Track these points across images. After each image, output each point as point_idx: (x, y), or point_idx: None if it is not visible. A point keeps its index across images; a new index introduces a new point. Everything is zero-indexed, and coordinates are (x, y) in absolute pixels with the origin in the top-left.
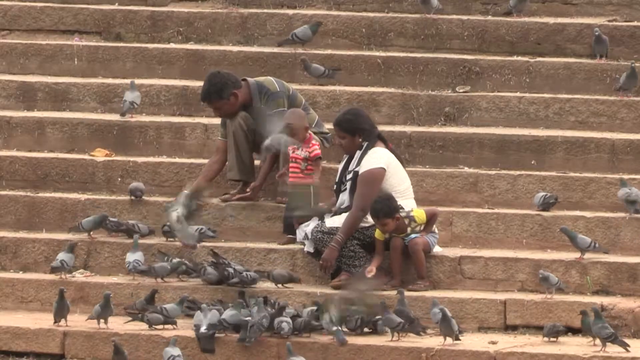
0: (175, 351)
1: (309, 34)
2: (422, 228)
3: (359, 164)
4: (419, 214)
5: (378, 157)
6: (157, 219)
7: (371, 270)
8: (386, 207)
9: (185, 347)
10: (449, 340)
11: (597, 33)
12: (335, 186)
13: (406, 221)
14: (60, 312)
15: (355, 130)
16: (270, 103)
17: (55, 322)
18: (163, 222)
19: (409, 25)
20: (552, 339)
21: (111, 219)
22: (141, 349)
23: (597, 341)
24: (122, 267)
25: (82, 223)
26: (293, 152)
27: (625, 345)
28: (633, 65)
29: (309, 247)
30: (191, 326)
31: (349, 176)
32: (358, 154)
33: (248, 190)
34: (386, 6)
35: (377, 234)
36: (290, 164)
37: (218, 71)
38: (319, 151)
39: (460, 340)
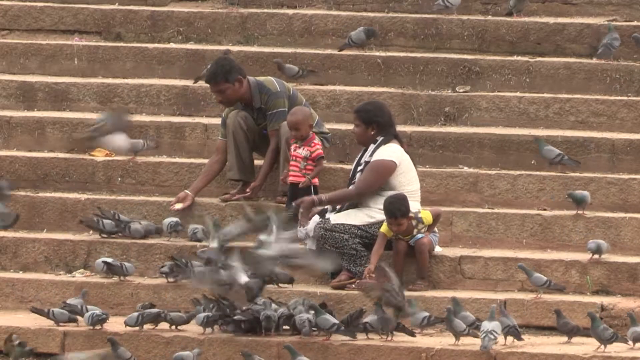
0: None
1: (362, 37)
2: (426, 229)
3: (371, 155)
4: (426, 215)
5: (391, 151)
6: (157, 219)
7: (370, 270)
8: (403, 207)
9: (185, 347)
10: (453, 339)
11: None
12: (349, 181)
13: (413, 222)
14: None
15: (370, 121)
16: (271, 103)
17: None
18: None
19: (409, 25)
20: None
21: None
22: (141, 349)
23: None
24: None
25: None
26: (294, 150)
27: (627, 342)
28: None
29: (311, 245)
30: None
31: (360, 167)
32: (372, 147)
33: (248, 190)
34: (386, 6)
35: (384, 229)
36: (291, 162)
37: (226, 56)
38: (321, 151)
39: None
